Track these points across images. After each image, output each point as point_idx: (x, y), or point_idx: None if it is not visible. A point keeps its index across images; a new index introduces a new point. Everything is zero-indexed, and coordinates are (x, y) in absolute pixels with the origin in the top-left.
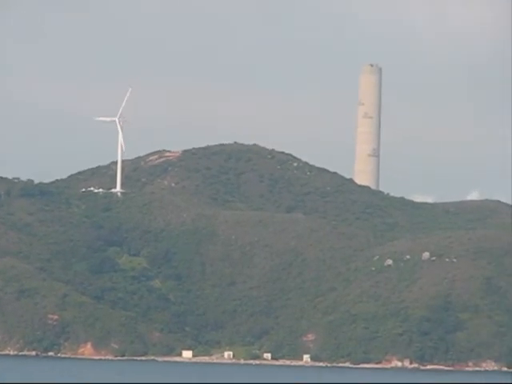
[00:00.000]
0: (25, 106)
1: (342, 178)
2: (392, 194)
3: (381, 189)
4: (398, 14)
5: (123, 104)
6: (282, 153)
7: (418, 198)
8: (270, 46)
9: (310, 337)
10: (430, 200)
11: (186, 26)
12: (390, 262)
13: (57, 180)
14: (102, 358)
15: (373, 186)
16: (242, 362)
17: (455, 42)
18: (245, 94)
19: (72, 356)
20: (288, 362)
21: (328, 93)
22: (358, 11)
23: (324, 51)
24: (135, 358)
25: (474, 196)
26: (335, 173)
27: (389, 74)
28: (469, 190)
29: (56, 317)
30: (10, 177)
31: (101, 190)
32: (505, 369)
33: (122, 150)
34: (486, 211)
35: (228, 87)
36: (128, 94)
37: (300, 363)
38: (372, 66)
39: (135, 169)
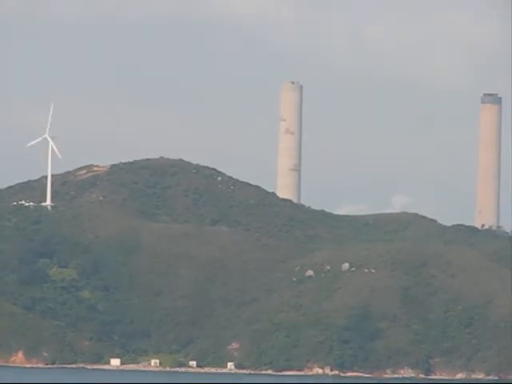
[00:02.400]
0: None
1: (265, 191)
2: (313, 207)
3: (302, 202)
4: (320, 33)
5: (49, 120)
6: (207, 167)
7: (338, 211)
8: (193, 61)
9: (234, 345)
10: (349, 213)
11: (110, 38)
12: (310, 272)
13: None
14: (33, 366)
15: (294, 200)
16: (168, 369)
17: (375, 60)
18: (169, 109)
19: (4, 364)
20: (213, 370)
21: (250, 109)
22: (281, 28)
23: (247, 68)
24: (65, 365)
25: (393, 209)
26: (258, 187)
27: (309, 91)
28: (388, 203)
29: None
30: None
31: (31, 203)
32: (422, 376)
33: (58, 159)
34: (404, 223)
35: (154, 102)
36: (51, 110)
37: (224, 371)
38: (293, 83)
39: (64, 183)
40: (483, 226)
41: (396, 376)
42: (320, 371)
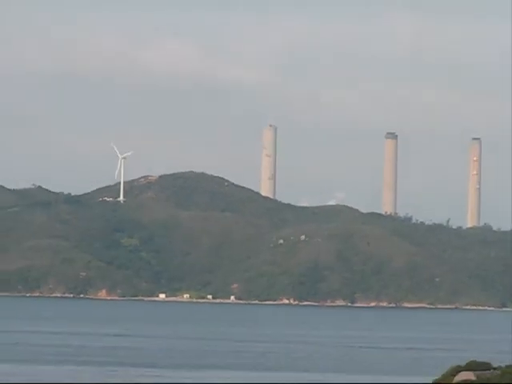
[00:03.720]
0: None
1: (253, 191)
2: (283, 201)
3: (276, 198)
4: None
5: (115, 149)
6: (218, 176)
7: (300, 204)
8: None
9: (235, 286)
10: (306, 205)
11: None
12: (281, 241)
13: None
14: (112, 298)
15: (271, 196)
16: (194, 300)
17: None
18: (195, 140)
19: (93, 297)
20: (221, 300)
21: (246, 141)
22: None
23: (231, 112)
24: (131, 298)
25: (334, 201)
26: (249, 189)
27: (283, 130)
28: (330, 196)
29: None
30: None
31: (111, 199)
32: (349, 304)
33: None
34: (338, 211)
35: (185, 133)
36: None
37: (228, 301)
38: (271, 125)
39: (131, 186)
40: (386, 212)
41: (332, 304)
42: (286, 301)
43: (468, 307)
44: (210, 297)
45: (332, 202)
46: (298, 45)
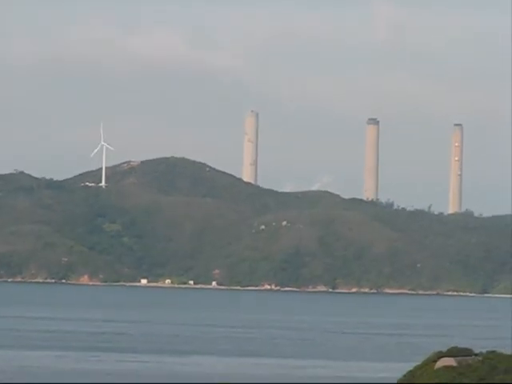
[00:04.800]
0: None
1: (235, 177)
2: (265, 187)
3: (258, 184)
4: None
5: (102, 134)
6: (200, 162)
7: (282, 189)
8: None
9: (217, 271)
10: (287, 190)
11: None
12: (263, 226)
13: None
14: (94, 284)
15: (253, 182)
16: (176, 285)
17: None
18: (180, 128)
19: (75, 283)
20: (203, 286)
21: (228, 127)
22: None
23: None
24: (113, 284)
25: (316, 187)
26: (231, 174)
27: (265, 116)
28: (312, 182)
29: None
30: None
31: (93, 184)
32: (330, 290)
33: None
34: (320, 197)
35: (169, 121)
36: (102, 129)
37: (209, 286)
38: (252, 111)
39: (113, 172)
40: (368, 198)
41: (314, 290)
42: (268, 287)
43: (449, 293)
44: (191, 282)
45: (314, 188)
46: (282, 32)
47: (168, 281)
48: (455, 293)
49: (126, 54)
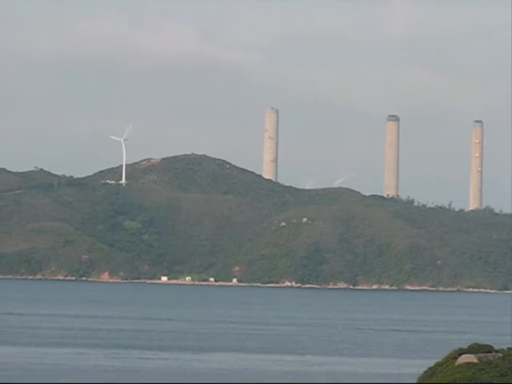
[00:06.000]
0: None
1: (255, 174)
2: (285, 184)
3: (278, 181)
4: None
5: (126, 131)
6: (220, 159)
7: (303, 186)
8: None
9: (237, 268)
10: (308, 187)
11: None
12: (283, 223)
13: None
14: (114, 281)
15: (273, 179)
16: (196, 283)
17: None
18: (201, 126)
19: (95, 280)
20: (223, 283)
21: (241, 126)
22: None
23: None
24: (133, 281)
25: (336, 184)
26: (251, 172)
27: (285, 113)
28: (333, 179)
29: None
30: None
31: (113, 181)
32: (351, 287)
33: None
34: (340, 193)
35: (188, 120)
36: (130, 127)
37: (230, 284)
38: (272, 108)
39: (133, 169)
40: (388, 195)
41: (334, 287)
42: (288, 284)
43: (470, 290)
44: (212, 279)
45: (334, 185)
46: (301, 27)
47: (188, 278)
48: (476, 289)
49: (139, 50)
